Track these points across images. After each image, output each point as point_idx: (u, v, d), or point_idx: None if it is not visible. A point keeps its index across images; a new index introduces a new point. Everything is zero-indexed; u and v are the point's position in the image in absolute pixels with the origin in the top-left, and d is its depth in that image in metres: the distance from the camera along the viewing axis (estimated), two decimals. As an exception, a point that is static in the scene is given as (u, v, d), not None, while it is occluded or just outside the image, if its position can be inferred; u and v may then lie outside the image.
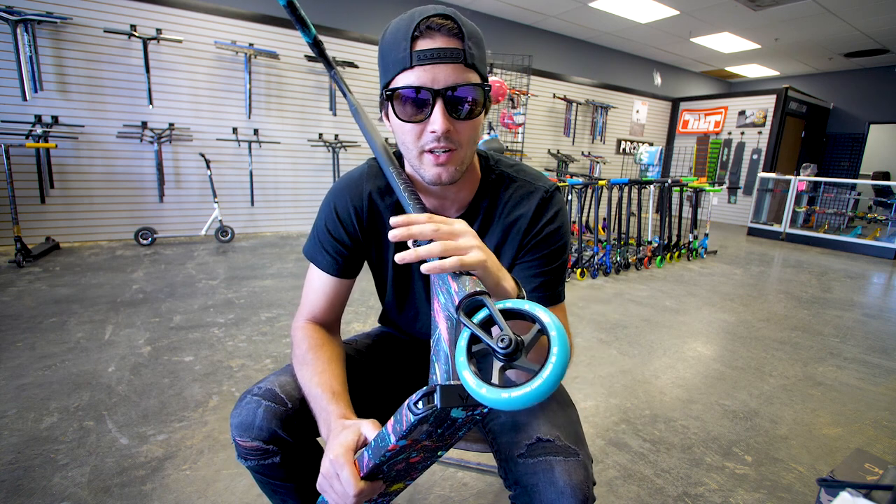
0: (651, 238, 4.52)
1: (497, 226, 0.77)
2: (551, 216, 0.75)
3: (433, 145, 0.63)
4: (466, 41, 0.61)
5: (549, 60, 6.60)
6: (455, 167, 0.66)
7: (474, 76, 0.63)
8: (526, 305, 0.45)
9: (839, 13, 5.29)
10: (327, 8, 4.86)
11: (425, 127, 0.63)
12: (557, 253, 0.75)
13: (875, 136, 7.97)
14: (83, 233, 3.88)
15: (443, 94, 0.61)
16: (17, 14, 3.31)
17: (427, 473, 1.37)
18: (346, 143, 4.94)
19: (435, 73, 0.60)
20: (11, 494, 1.18)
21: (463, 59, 0.61)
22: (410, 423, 0.45)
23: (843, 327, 2.87)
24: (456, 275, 0.50)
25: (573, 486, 0.60)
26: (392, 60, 0.62)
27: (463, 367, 0.44)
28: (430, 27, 0.60)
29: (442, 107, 0.61)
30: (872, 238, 5.51)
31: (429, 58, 0.60)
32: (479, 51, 0.64)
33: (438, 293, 0.51)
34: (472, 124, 0.65)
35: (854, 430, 1.73)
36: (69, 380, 1.75)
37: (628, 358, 2.25)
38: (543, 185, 0.77)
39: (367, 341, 0.95)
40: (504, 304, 0.47)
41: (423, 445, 0.52)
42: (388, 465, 0.53)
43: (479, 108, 0.64)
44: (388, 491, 0.61)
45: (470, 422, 0.51)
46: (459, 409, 0.46)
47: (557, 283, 0.75)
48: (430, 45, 0.60)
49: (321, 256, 0.79)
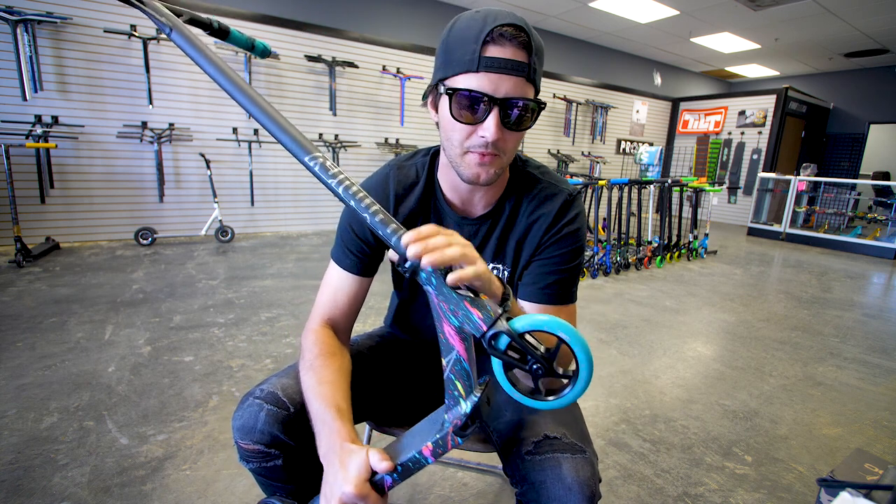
0: (651, 238, 4.52)
1: (520, 223, 0.79)
2: (572, 217, 0.77)
3: (481, 150, 0.65)
4: (533, 56, 0.62)
5: (549, 60, 6.59)
6: (495, 170, 0.68)
7: (532, 91, 0.65)
8: (544, 322, 0.48)
9: (839, 13, 5.29)
10: (327, 8, 4.86)
11: (476, 130, 0.65)
12: (574, 254, 0.77)
13: (875, 136, 7.97)
14: (83, 233, 3.88)
15: (502, 103, 0.62)
16: (17, 14, 3.31)
17: (427, 473, 1.37)
18: (346, 143, 4.94)
19: (499, 83, 0.61)
20: (11, 494, 1.18)
21: (527, 73, 0.62)
22: (456, 446, 0.50)
23: (843, 327, 2.87)
24: (472, 299, 0.50)
25: (581, 483, 0.60)
26: (458, 58, 0.63)
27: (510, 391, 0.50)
28: (503, 35, 0.60)
29: (497, 116, 0.63)
30: (872, 238, 5.51)
31: (497, 66, 0.61)
32: (540, 66, 0.66)
33: (450, 317, 0.50)
34: (519, 135, 0.68)
35: (854, 430, 1.73)
36: (69, 380, 1.75)
37: (628, 358, 2.25)
38: (567, 188, 0.80)
39: (369, 342, 0.95)
40: (524, 324, 0.49)
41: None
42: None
43: (530, 121, 0.67)
44: None
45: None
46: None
47: (571, 283, 0.78)
48: (499, 53, 0.61)
49: (345, 258, 0.80)
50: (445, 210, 0.80)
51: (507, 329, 0.47)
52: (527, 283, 0.78)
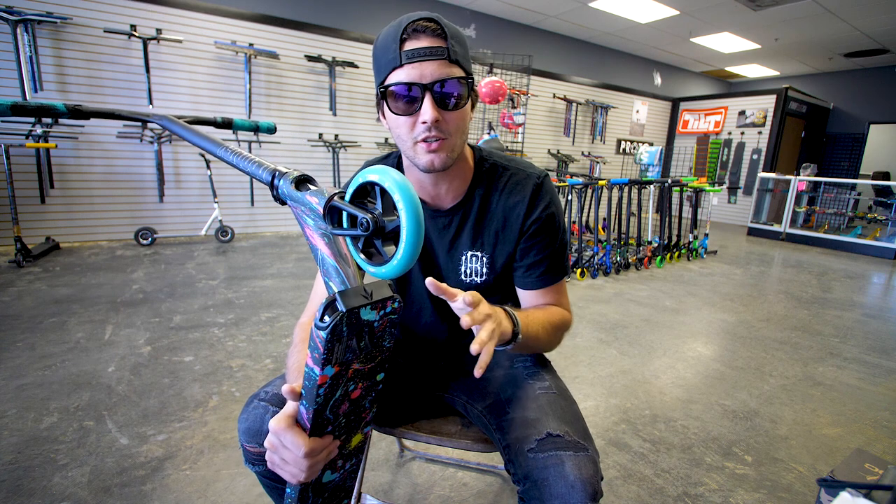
0: (651, 238, 4.52)
1: (496, 212, 0.83)
2: (547, 201, 0.82)
3: (425, 135, 0.69)
4: (449, 40, 0.68)
5: (549, 60, 6.60)
6: (446, 154, 0.72)
7: (458, 71, 0.69)
8: (361, 176, 0.44)
9: (839, 13, 5.29)
10: (327, 8, 4.86)
11: (417, 119, 0.69)
12: (557, 234, 0.83)
13: (875, 136, 7.97)
14: (83, 233, 3.88)
15: (430, 87, 0.67)
16: (17, 14, 3.31)
17: (427, 473, 1.37)
18: (346, 143, 4.94)
19: (422, 70, 0.67)
20: (11, 494, 1.18)
21: (447, 55, 0.67)
22: (324, 340, 0.43)
23: (843, 327, 2.87)
24: (311, 191, 0.48)
25: (583, 481, 0.61)
26: (384, 61, 0.69)
27: (364, 266, 0.46)
28: (416, 29, 0.67)
29: (430, 99, 0.67)
30: (872, 238, 5.51)
31: (416, 56, 0.66)
32: (461, 48, 0.70)
33: (305, 219, 0.49)
34: (459, 114, 0.71)
35: (854, 430, 1.73)
36: (69, 380, 1.74)
37: (628, 358, 2.25)
38: (535, 171, 0.84)
39: None
40: (349, 192, 0.46)
41: (356, 370, 0.49)
42: (332, 410, 0.50)
43: (465, 99, 0.71)
44: (350, 448, 0.57)
45: (389, 325, 0.50)
46: (367, 308, 0.46)
47: (559, 261, 0.84)
48: (416, 44, 0.67)
49: None
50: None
51: (336, 200, 0.46)
52: (522, 274, 0.84)
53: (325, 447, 0.51)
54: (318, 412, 0.49)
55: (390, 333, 0.51)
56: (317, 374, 0.46)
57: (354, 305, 0.44)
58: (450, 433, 0.89)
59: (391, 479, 1.35)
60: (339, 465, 0.57)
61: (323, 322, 0.43)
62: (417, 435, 0.89)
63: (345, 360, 0.47)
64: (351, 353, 0.47)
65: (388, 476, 1.36)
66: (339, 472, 0.58)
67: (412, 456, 1.45)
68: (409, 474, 1.37)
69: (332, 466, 0.56)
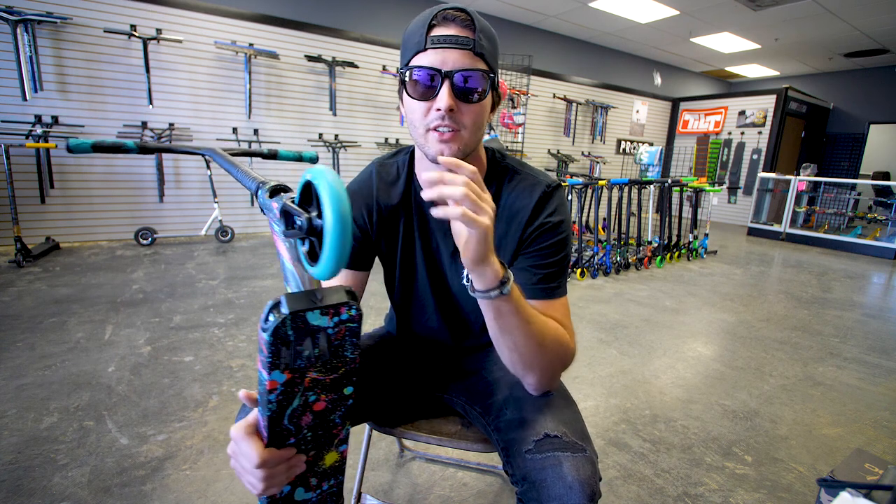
0: (651, 238, 4.52)
1: (500, 216, 0.79)
2: (552, 210, 0.77)
3: (437, 123, 0.68)
4: (478, 32, 0.67)
5: (549, 60, 6.60)
6: (458, 146, 0.69)
7: (482, 64, 0.68)
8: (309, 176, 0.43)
9: (839, 13, 5.29)
10: (327, 8, 4.86)
11: (432, 105, 0.67)
12: (557, 246, 0.76)
13: (875, 136, 7.96)
14: (83, 233, 3.88)
15: (451, 76, 0.66)
16: (17, 14, 3.31)
17: (427, 473, 1.37)
18: (346, 143, 4.94)
19: (445, 57, 0.66)
20: (11, 494, 1.18)
21: (472, 46, 0.66)
22: (267, 342, 0.42)
23: (843, 327, 2.87)
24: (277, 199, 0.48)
25: (581, 481, 0.60)
26: (410, 45, 0.69)
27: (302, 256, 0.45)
28: (446, 17, 0.66)
29: (449, 87, 0.66)
30: (872, 238, 5.51)
31: (441, 42, 0.66)
32: (489, 44, 0.69)
33: (273, 225, 0.49)
34: (476, 108, 0.69)
35: (854, 430, 1.73)
36: (69, 380, 1.74)
37: (628, 358, 2.25)
38: (546, 180, 0.80)
39: (369, 342, 0.95)
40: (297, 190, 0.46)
41: (314, 379, 0.47)
42: (291, 421, 0.48)
43: (484, 94, 0.69)
44: (325, 467, 0.55)
45: (348, 334, 0.48)
46: (316, 313, 0.44)
47: (558, 276, 0.76)
48: (443, 31, 0.66)
49: None
50: (425, 205, 0.81)
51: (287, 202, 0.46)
52: (516, 281, 0.76)
53: (283, 459, 0.49)
54: (273, 420, 0.47)
55: (352, 343, 0.49)
56: (265, 378, 0.44)
57: (299, 308, 0.43)
58: (449, 433, 0.89)
59: (391, 479, 1.35)
60: (314, 485, 0.55)
61: (266, 323, 0.43)
62: (417, 435, 0.89)
63: (297, 366, 0.45)
64: (304, 360, 0.45)
65: (388, 476, 1.36)
66: (314, 492, 0.55)
67: (412, 456, 1.45)
68: (409, 474, 1.37)
69: (305, 484, 0.54)
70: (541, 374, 0.70)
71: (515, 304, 0.62)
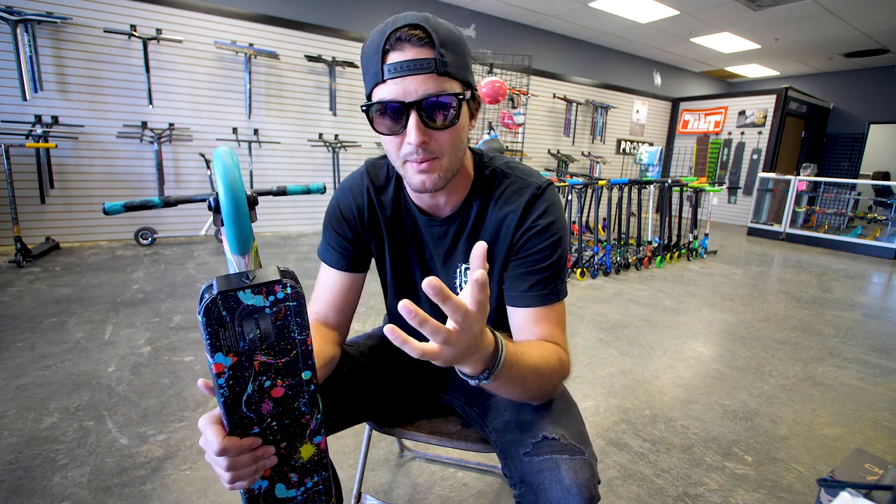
0: (651, 238, 4.52)
1: (489, 223, 0.76)
2: (541, 212, 0.73)
3: (413, 157, 0.64)
4: (438, 49, 0.60)
5: (549, 60, 6.60)
6: (438, 174, 0.66)
7: (450, 84, 0.62)
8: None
9: (839, 13, 5.29)
10: (327, 8, 4.86)
11: (404, 138, 0.63)
12: (549, 248, 0.72)
13: (875, 136, 7.96)
14: (83, 233, 3.88)
15: (415, 106, 0.60)
16: (17, 14, 3.31)
17: (427, 473, 1.37)
18: (346, 143, 4.94)
19: (406, 86, 0.60)
20: (11, 494, 1.18)
21: (434, 68, 0.60)
22: (202, 322, 0.43)
23: (843, 327, 2.87)
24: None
25: (579, 485, 0.60)
26: (368, 75, 0.64)
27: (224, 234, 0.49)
28: (400, 38, 0.59)
29: (416, 119, 0.61)
30: (872, 238, 5.51)
31: (399, 71, 0.59)
32: (454, 56, 0.62)
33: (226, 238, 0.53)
34: (451, 132, 0.64)
35: (854, 430, 1.73)
36: (69, 380, 1.74)
37: (628, 358, 2.25)
38: (536, 181, 0.75)
39: (369, 342, 0.95)
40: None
41: (263, 363, 0.47)
42: (250, 408, 0.48)
43: (456, 116, 0.63)
44: (303, 460, 0.53)
45: (292, 314, 0.47)
46: (248, 292, 0.44)
47: (553, 279, 0.72)
48: (399, 57, 0.60)
49: (329, 254, 0.82)
50: (415, 213, 0.80)
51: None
52: (509, 288, 0.74)
53: (246, 448, 0.48)
54: (228, 406, 0.47)
55: (298, 324, 0.48)
56: (210, 362, 0.45)
57: (229, 288, 0.44)
58: (449, 433, 0.89)
59: (391, 479, 1.35)
60: (296, 481, 0.54)
61: (200, 304, 0.43)
62: (417, 435, 0.89)
63: (241, 349, 0.46)
64: (247, 342, 0.46)
65: (388, 476, 1.36)
66: (297, 489, 0.54)
67: (412, 456, 1.45)
68: (409, 474, 1.37)
69: (285, 480, 0.53)
70: (542, 398, 0.71)
71: (508, 371, 0.56)
